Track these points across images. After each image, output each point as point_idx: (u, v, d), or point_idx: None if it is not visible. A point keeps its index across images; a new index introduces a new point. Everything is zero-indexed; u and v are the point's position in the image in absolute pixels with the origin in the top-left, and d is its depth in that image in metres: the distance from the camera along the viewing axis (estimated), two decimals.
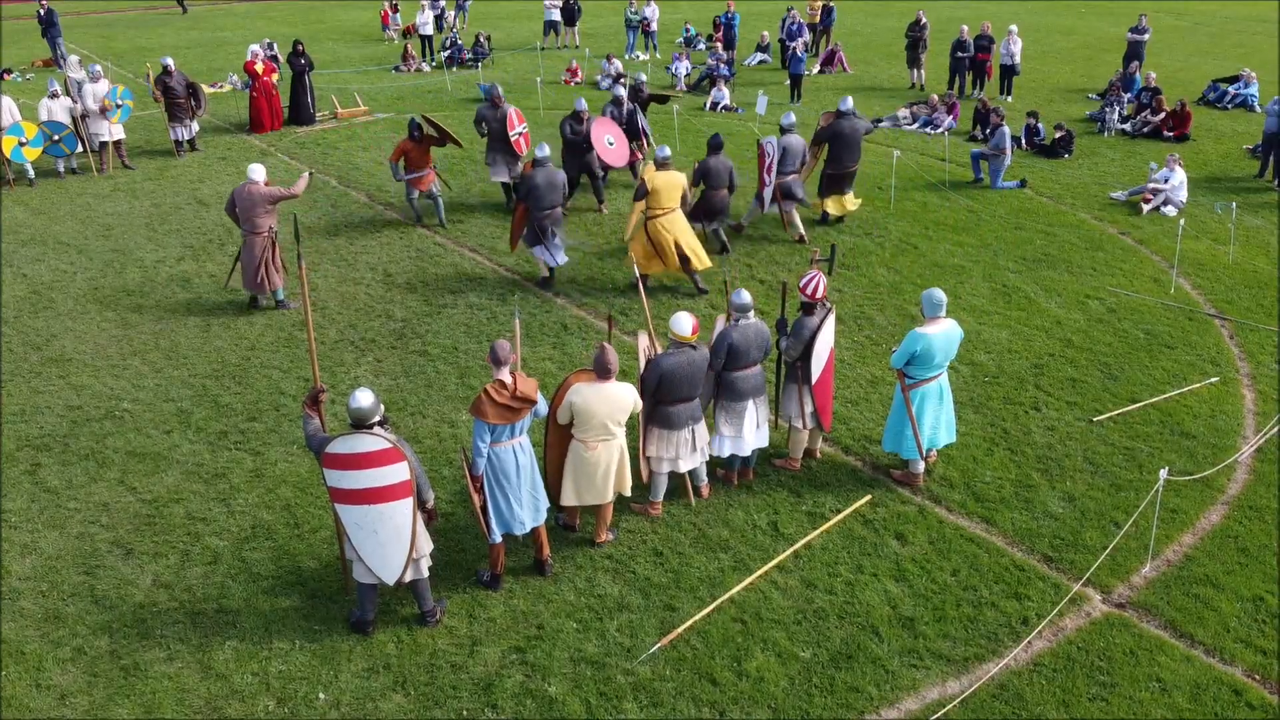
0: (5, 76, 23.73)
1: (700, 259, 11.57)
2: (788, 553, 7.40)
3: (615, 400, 6.96)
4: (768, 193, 13.39)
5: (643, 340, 7.72)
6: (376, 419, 6.16)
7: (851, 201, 14.02)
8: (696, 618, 6.77)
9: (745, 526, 7.72)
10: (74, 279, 12.37)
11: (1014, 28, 21.23)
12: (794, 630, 6.69)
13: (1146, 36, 22.07)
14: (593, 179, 14.58)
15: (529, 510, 6.89)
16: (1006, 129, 15.47)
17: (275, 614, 6.82)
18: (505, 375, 6.57)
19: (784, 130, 13.30)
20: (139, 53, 27.72)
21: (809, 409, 8.20)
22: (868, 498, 8.03)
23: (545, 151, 11.73)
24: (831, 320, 8.08)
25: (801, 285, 7.95)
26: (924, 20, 22.13)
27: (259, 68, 18.77)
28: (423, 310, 11.43)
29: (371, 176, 16.24)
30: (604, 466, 7.09)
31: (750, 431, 7.92)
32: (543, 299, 11.72)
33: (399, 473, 6.17)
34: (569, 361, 10.24)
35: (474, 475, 6.65)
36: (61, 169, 16.42)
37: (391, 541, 6.29)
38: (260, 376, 9.97)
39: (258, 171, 11.04)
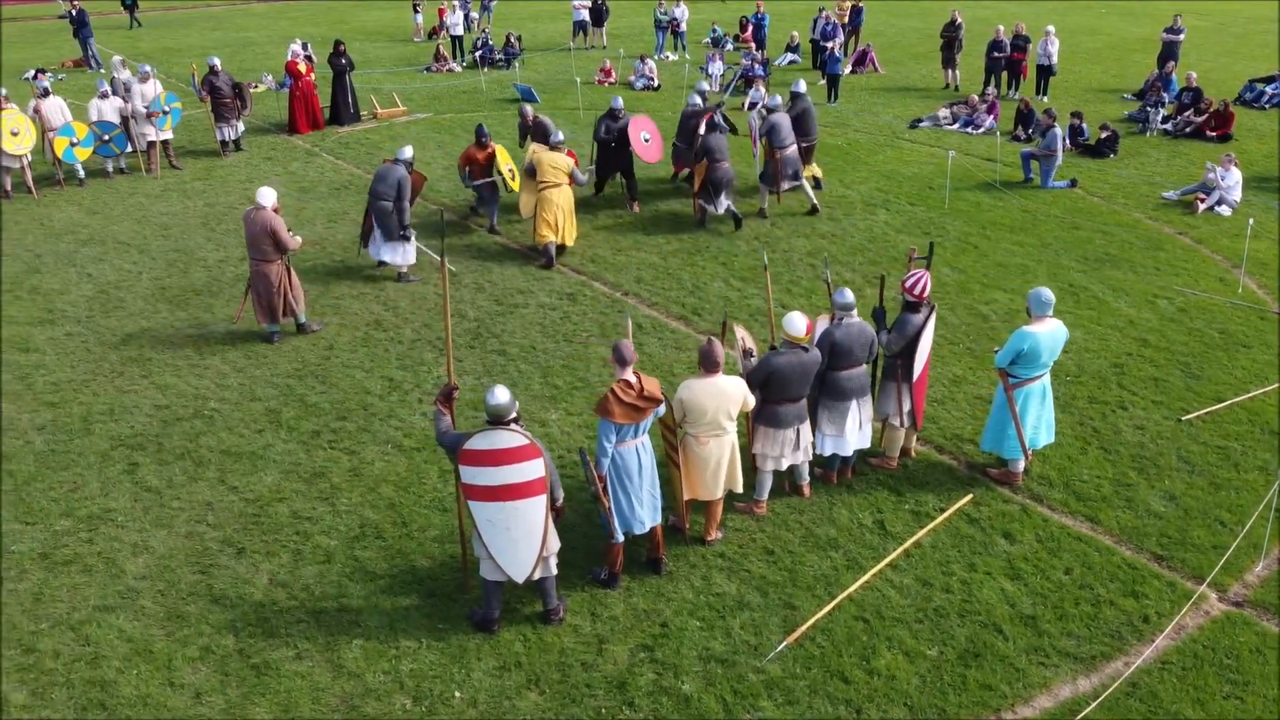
0: (40, 76, 23.70)
1: (568, 237, 12.78)
2: (898, 551, 7.42)
3: (725, 393, 6.98)
4: (771, 167, 14.06)
5: (740, 332, 7.73)
6: (513, 415, 6.18)
7: (815, 169, 15.20)
8: (819, 615, 6.78)
9: (852, 525, 7.74)
10: (139, 279, 12.37)
11: (1051, 28, 21.27)
12: (917, 629, 6.71)
13: (1181, 37, 22.14)
14: (627, 178, 14.73)
15: (649, 509, 6.91)
16: (1058, 129, 15.50)
17: (397, 613, 6.83)
18: (630, 375, 6.59)
19: (771, 109, 14.19)
20: (166, 53, 27.72)
21: (907, 407, 8.22)
22: (970, 496, 8.05)
23: (406, 154, 12.00)
24: (934, 319, 8.10)
25: (907, 285, 7.97)
26: (959, 20, 22.17)
27: (301, 67, 18.77)
28: (494, 310, 11.44)
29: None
30: (714, 462, 7.11)
31: (853, 431, 7.94)
32: (612, 299, 11.74)
33: (535, 469, 6.18)
34: (647, 360, 10.26)
35: (599, 475, 6.66)
36: (110, 169, 16.42)
37: (524, 539, 6.31)
38: (343, 376, 9.97)
39: (266, 196, 10.26)
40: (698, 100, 15.00)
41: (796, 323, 7.33)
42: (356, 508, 7.94)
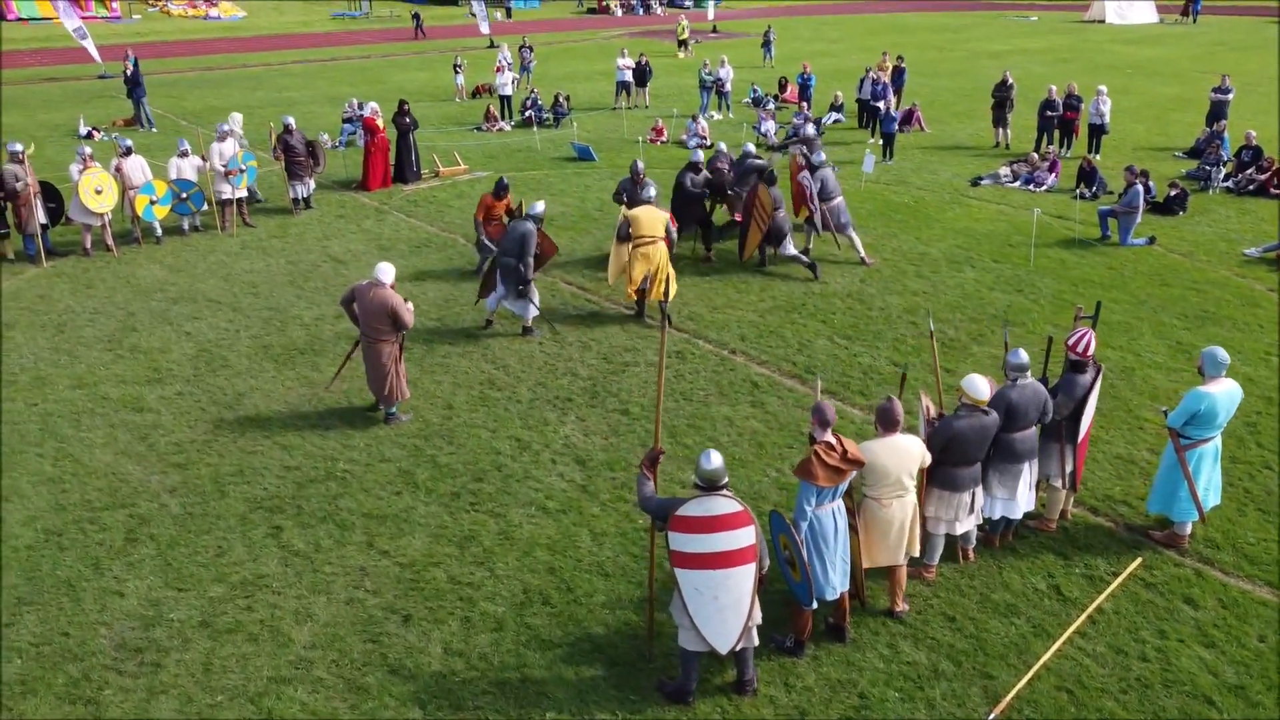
0: (94, 135, 23.88)
1: (658, 290, 12.23)
2: (1083, 617, 7.22)
3: (905, 452, 6.84)
4: (818, 218, 14.54)
5: (924, 400, 7.62)
6: (725, 480, 6.04)
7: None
8: (1019, 685, 6.57)
9: (1026, 590, 7.56)
10: (238, 337, 12.26)
11: (1103, 88, 21.53)
12: (1124, 700, 6.50)
13: (1230, 96, 22.42)
14: (705, 229, 14.98)
15: (840, 575, 6.73)
16: (1139, 187, 15.56)
17: (583, 684, 6.61)
18: (830, 436, 6.46)
19: (816, 166, 14.66)
20: (211, 112, 27.90)
21: (1069, 468, 8.09)
22: (1140, 560, 7.87)
23: (537, 209, 11.95)
24: (1100, 379, 8.00)
25: (1071, 344, 7.89)
26: (1010, 80, 22.43)
27: (380, 123, 18.92)
28: (605, 368, 11.32)
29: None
30: (897, 525, 6.95)
31: (1023, 493, 7.79)
32: (721, 358, 11.63)
33: (747, 536, 6.03)
34: (772, 420, 10.13)
35: (800, 539, 6.49)
36: (186, 226, 16.39)
37: (730, 608, 6.12)
38: (468, 435, 9.82)
39: (386, 272, 9.62)
40: (751, 147, 16.12)
41: (979, 385, 7.22)
42: (515, 573, 7.75)
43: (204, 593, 7.52)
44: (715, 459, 6.00)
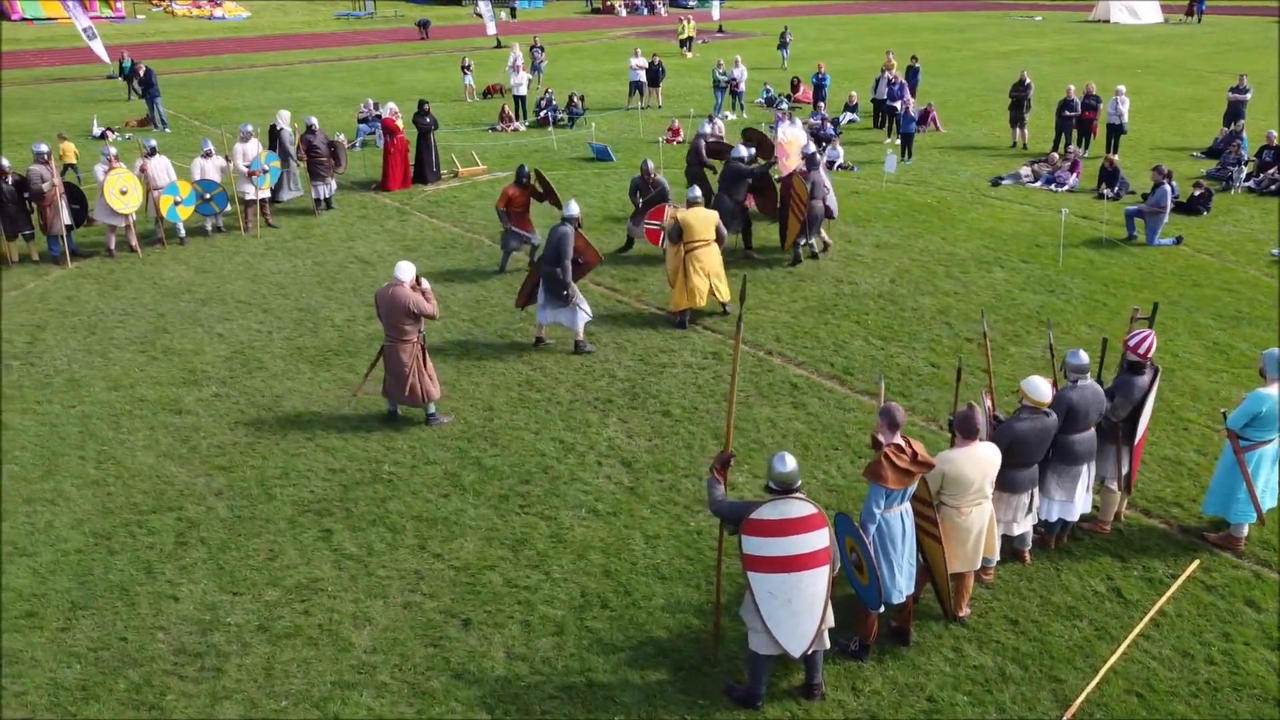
0: (108, 135, 23.80)
1: (720, 293, 12.51)
2: (1145, 619, 7.19)
3: (986, 460, 6.81)
4: (832, 199, 15.14)
5: (986, 401, 7.58)
6: (798, 483, 5.99)
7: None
8: (1089, 689, 6.53)
9: (1086, 592, 7.52)
10: (271, 338, 12.20)
11: (1122, 88, 21.51)
12: (1195, 704, 6.46)
13: (1248, 96, 22.41)
14: (745, 226, 14.97)
15: (906, 578, 6.69)
16: (1167, 187, 15.53)
17: (649, 688, 6.56)
18: (899, 439, 6.41)
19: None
20: (224, 112, 27.85)
21: (1125, 470, 8.05)
22: (1198, 562, 7.84)
23: (572, 211, 11.55)
24: (1158, 381, 7.97)
25: (1132, 345, 7.85)
26: (1028, 80, 22.41)
27: (399, 124, 18.87)
28: (643, 369, 11.27)
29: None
30: (976, 531, 6.91)
31: (1081, 495, 7.76)
32: (758, 359, 11.59)
33: (821, 539, 5.99)
34: (815, 421, 10.09)
35: (868, 542, 6.45)
36: (209, 227, 16.33)
37: (804, 612, 6.08)
38: (511, 438, 9.77)
39: (405, 270, 9.59)
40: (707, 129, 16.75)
41: (1041, 387, 7.18)
42: (571, 575, 7.70)
43: (259, 596, 7.47)
44: (790, 462, 5.95)
